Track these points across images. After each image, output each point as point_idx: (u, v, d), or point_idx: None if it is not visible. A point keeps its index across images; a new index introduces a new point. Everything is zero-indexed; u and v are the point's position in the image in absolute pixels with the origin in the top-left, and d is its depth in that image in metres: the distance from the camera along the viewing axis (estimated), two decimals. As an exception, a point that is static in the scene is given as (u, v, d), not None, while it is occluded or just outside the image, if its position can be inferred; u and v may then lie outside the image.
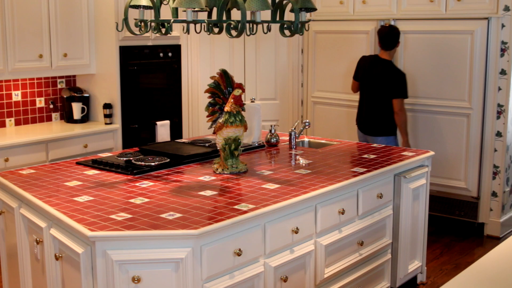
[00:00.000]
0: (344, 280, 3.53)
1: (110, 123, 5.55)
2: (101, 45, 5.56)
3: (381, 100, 5.21)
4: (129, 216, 2.77)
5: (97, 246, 2.58)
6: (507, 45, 5.15)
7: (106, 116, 5.54)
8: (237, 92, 3.49)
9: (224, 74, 3.60)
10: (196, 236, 2.60)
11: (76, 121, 5.59)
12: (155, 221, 2.71)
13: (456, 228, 5.61)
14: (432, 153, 4.21)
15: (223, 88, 3.60)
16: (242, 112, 3.56)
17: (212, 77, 3.63)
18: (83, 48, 5.54)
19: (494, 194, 5.39)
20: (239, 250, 2.78)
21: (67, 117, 5.65)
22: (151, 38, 5.67)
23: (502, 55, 5.18)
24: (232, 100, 3.50)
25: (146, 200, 3.02)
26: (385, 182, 3.78)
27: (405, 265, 4.03)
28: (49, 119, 5.68)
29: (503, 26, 5.13)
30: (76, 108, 5.59)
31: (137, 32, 3.42)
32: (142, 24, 3.34)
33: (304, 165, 3.83)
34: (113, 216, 2.76)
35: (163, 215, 2.78)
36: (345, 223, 3.47)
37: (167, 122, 5.81)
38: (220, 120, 3.51)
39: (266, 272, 2.96)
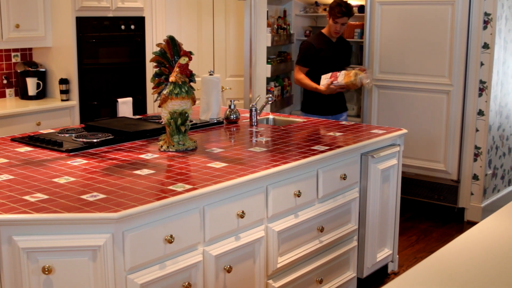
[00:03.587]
0: (302, 270, 3.18)
1: (67, 100, 5.18)
2: (57, 15, 5.17)
3: None
4: (45, 197, 2.42)
5: (2, 232, 2.23)
6: (491, 16, 4.79)
7: (62, 92, 5.18)
8: (183, 60, 3.13)
9: (171, 41, 3.24)
10: (116, 220, 2.25)
11: (31, 98, 5.22)
12: (73, 203, 2.36)
13: (434, 214, 5.29)
14: (404, 131, 3.87)
15: (170, 57, 3.23)
16: (192, 84, 3.21)
17: (158, 45, 3.27)
18: (38, 19, 5.14)
19: (475, 177, 5.06)
20: (171, 236, 2.43)
21: (22, 93, 5.27)
22: (112, 9, 5.28)
23: (485, 28, 4.82)
24: (177, 69, 3.13)
25: (72, 179, 2.66)
26: (350, 161, 3.43)
27: (373, 254, 3.70)
28: (2, 95, 5.30)
29: (486, -4, 4.78)
30: (31, 84, 5.21)
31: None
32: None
33: (262, 142, 3.47)
34: (26, 197, 2.41)
35: (84, 196, 2.43)
36: (302, 206, 3.12)
37: (130, 99, 5.43)
38: (165, 92, 3.15)
39: (205, 261, 2.61)
